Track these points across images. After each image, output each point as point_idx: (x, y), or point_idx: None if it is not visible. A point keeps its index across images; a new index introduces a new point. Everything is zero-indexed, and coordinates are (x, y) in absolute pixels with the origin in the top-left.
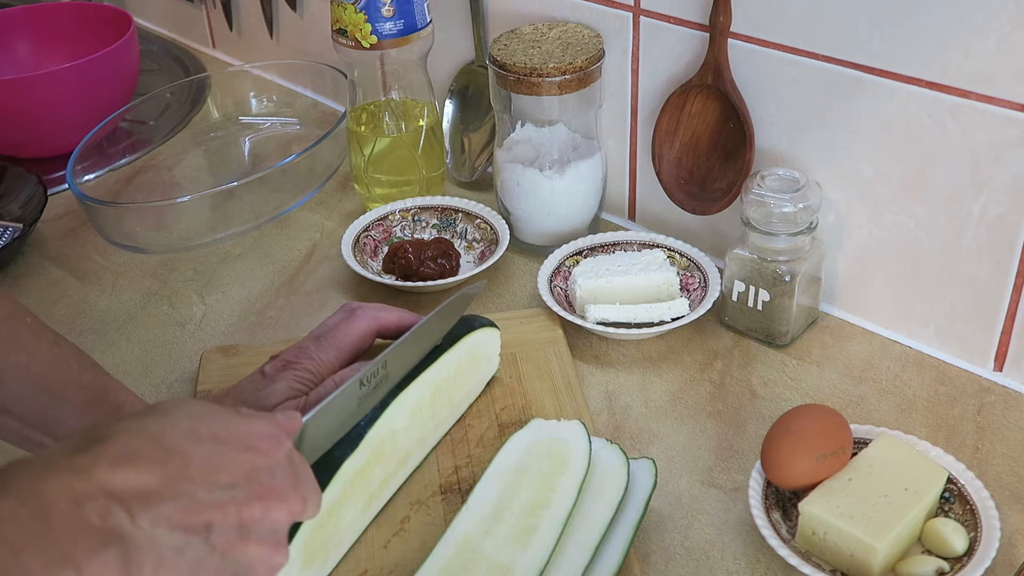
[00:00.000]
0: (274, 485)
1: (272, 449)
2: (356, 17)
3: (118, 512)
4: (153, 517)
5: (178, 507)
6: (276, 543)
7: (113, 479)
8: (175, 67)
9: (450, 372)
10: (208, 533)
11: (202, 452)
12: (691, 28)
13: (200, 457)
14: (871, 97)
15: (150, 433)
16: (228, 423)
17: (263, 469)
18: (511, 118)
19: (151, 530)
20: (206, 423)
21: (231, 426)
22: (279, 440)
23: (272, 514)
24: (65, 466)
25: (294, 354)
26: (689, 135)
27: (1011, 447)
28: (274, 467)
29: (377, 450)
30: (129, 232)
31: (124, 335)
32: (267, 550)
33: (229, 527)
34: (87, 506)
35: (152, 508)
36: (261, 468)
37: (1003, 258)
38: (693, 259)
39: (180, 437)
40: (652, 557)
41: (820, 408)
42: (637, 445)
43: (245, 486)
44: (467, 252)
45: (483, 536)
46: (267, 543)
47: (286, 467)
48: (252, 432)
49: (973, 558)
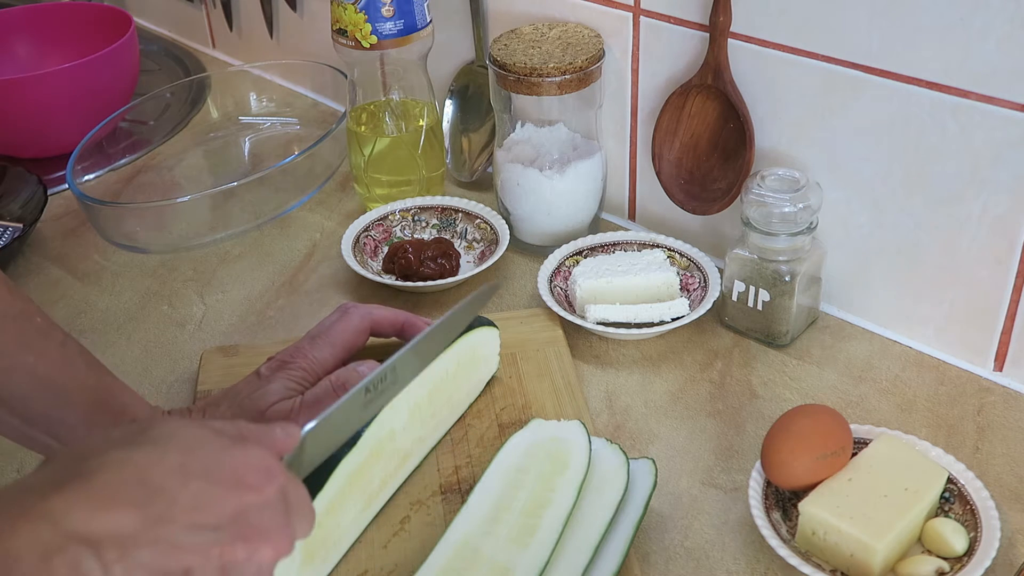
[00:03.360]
0: (262, 524)
1: (264, 484)
2: (356, 17)
3: (89, 562)
4: (128, 565)
5: (156, 552)
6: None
7: (90, 524)
8: (175, 67)
9: (449, 371)
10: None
11: (188, 492)
12: (691, 28)
13: (186, 497)
14: (871, 97)
15: (136, 468)
16: (221, 457)
17: (252, 508)
18: (511, 118)
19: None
20: (197, 457)
21: (224, 460)
22: (272, 474)
23: (257, 555)
24: (37, 511)
25: (289, 354)
26: (689, 135)
27: (1011, 447)
28: (264, 505)
29: (376, 449)
30: (129, 232)
31: (124, 335)
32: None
33: (210, 570)
34: (55, 560)
35: (128, 555)
36: (250, 507)
37: (1003, 258)
38: (693, 259)
39: (168, 474)
40: (652, 557)
41: (820, 408)
42: (637, 445)
43: (230, 527)
44: (467, 252)
45: (483, 536)
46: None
47: (277, 503)
48: (246, 465)
49: (973, 558)
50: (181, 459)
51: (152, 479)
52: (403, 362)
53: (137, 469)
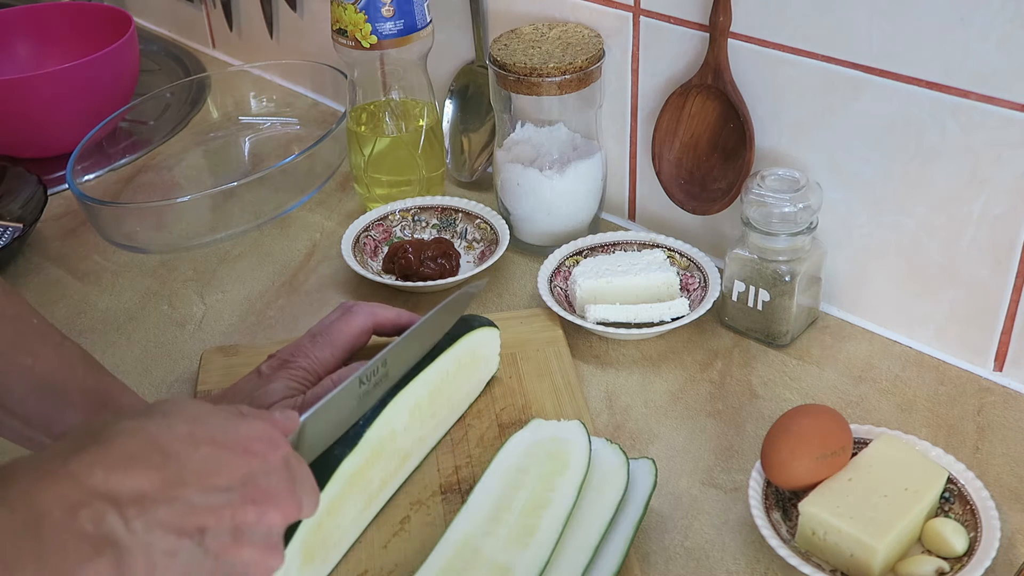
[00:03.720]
0: (270, 488)
1: (269, 452)
2: (356, 17)
3: (112, 517)
4: (147, 521)
5: (172, 511)
6: (271, 546)
7: (108, 483)
8: (175, 67)
9: (450, 372)
10: (202, 537)
11: (199, 456)
12: (691, 28)
13: (196, 461)
14: (871, 97)
15: (148, 435)
16: (226, 426)
17: (259, 472)
18: (511, 118)
19: (145, 534)
20: (204, 426)
21: (229, 429)
22: (276, 443)
23: (267, 517)
24: (61, 472)
25: (291, 353)
26: (689, 135)
27: (1011, 447)
28: (270, 470)
29: (376, 450)
30: (129, 232)
31: (124, 335)
32: (261, 553)
33: (223, 531)
34: (81, 514)
35: (147, 512)
36: (257, 471)
37: (1003, 258)
38: (693, 259)
39: (178, 440)
40: (652, 557)
41: (820, 408)
42: (637, 445)
43: (240, 490)
44: (467, 252)
45: (483, 536)
46: (261, 546)
47: (282, 470)
48: (250, 435)
49: (973, 558)
50: (189, 428)
51: (163, 444)
52: (394, 354)
53: (149, 436)
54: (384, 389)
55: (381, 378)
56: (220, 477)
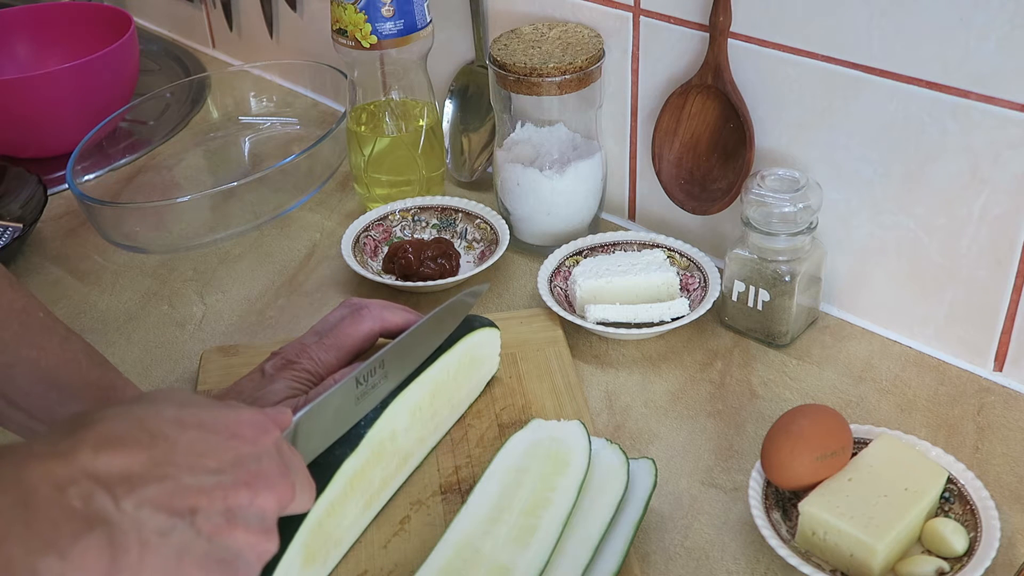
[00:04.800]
0: (261, 471)
1: (258, 436)
2: (356, 17)
3: (101, 496)
4: (137, 500)
5: (162, 490)
6: (264, 530)
7: (96, 462)
8: (175, 67)
9: (450, 372)
10: (193, 517)
11: (187, 438)
12: (691, 28)
13: (185, 442)
14: (871, 97)
15: (136, 418)
16: (214, 412)
17: (249, 456)
18: (511, 118)
19: (135, 513)
20: (191, 411)
21: (217, 415)
22: (266, 428)
23: (259, 500)
24: (47, 452)
25: (295, 352)
26: (689, 135)
27: (1011, 447)
28: (260, 454)
29: (377, 450)
30: (129, 232)
31: (124, 335)
32: (255, 537)
33: (215, 512)
34: (70, 490)
35: (136, 491)
36: (247, 455)
37: (1003, 258)
38: (693, 259)
39: (165, 423)
40: (652, 557)
41: (820, 408)
42: (637, 445)
43: (231, 472)
44: (467, 252)
45: (483, 536)
46: (255, 530)
47: (274, 455)
48: (238, 420)
49: (973, 558)
50: (176, 412)
51: (150, 426)
52: (393, 356)
53: (137, 419)
54: (383, 390)
55: (379, 379)
56: (209, 459)
